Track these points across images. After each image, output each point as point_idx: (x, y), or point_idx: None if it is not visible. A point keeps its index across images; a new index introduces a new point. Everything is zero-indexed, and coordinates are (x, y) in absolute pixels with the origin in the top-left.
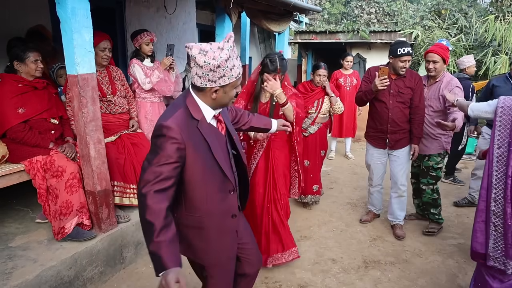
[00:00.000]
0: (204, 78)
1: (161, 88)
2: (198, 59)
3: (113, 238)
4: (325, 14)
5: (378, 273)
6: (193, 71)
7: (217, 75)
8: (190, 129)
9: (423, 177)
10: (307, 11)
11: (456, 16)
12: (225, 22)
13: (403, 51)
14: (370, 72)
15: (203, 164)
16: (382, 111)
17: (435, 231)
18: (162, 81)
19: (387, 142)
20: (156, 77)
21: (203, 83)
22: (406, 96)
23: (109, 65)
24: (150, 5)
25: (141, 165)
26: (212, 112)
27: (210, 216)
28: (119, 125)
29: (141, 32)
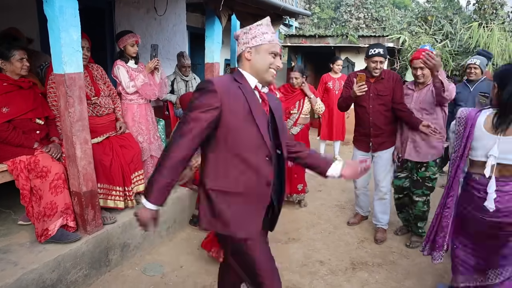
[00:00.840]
0: (241, 44)
1: (145, 92)
2: (239, 33)
3: (99, 240)
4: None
5: (366, 275)
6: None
7: (250, 36)
8: (232, 89)
9: (418, 188)
10: (296, 15)
11: (442, 23)
12: (215, 25)
13: (373, 51)
14: (350, 78)
15: (241, 121)
16: (363, 116)
17: (417, 245)
18: (147, 85)
19: (371, 146)
20: (141, 81)
21: (240, 49)
22: (386, 97)
23: (88, 64)
24: (140, 6)
25: (129, 167)
26: (255, 81)
27: (245, 179)
28: (106, 127)
29: (126, 34)
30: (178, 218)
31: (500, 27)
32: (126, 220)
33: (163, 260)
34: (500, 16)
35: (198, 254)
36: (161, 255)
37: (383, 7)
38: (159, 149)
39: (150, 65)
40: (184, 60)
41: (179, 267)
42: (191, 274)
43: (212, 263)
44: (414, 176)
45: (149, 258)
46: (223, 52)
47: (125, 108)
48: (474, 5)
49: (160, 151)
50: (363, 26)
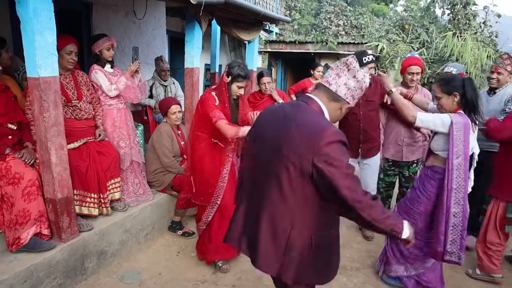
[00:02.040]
0: (351, 92)
1: (128, 95)
2: (359, 74)
3: (74, 248)
4: (295, 25)
5: (344, 279)
6: (343, 80)
7: (356, 95)
8: None
9: (409, 183)
10: (276, 21)
11: (419, 31)
12: (195, 30)
13: (368, 59)
14: None
15: None
16: (354, 122)
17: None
18: (130, 87)
19: (360, 151)
20: (123, 84)
21: (346, 95)
22: (374, 103)
23: (74, 70)
24: (119, 9)
25: (105, 174)
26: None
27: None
28: (84, 131)
29: (101, 37)
30: (157, 224)
31: (473, 37)
32: (104, 227)
33: (141, 267)
34: (473, 27)
35: (177, 261)
36: (139, 262)
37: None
38: (139, 154)
39: (132, 68)
40: (163, 64)
41: (157, 274)
42: (170, 281)
43: (191, 270)
44: (406, 172)
45: (127, 266)
46: (203, 57)
47: (104, 114)
48: (449, 15)
49: (141, 156)
50: (342, 33)
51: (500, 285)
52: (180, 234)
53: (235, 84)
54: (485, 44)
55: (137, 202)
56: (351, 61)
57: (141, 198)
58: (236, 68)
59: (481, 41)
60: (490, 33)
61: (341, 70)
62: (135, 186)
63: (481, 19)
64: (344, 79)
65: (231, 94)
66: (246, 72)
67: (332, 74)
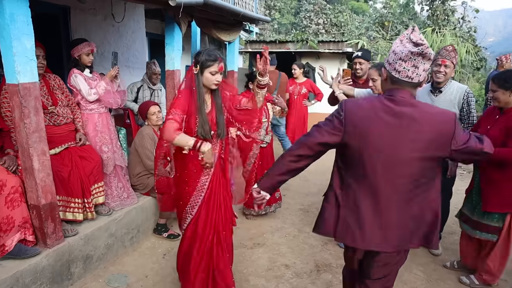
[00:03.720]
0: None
1: (108, 100)
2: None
3: (60, 254)
4: (275, 24)
5: (330, 276)
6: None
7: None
8: None
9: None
10: (256, 21)
11: (398, 28)
12: (175, 32)
13: (355, 55)
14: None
15: None
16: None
17: None
18: (109, 92)
19: None
20: (103, 89)
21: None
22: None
23: (45, 74)
24: (97, 12)
25: (89, 179)
26: None
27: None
28: (64, 137)
29: (81, 42)
30: (142, 227)
31: (452, 33)
32: (89, 231)
33: (128, 271)
34: (452, 22)
35: (164, 263)
36: (125, 266)
37: (342, 12)
38: (122, 158)
39: (112, 73)
40: (155, 68)
41: (144, 276)
42: (157, 284)
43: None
44: None
45: (113, 269)
46: (185, 58)
47: (85, 119)
48: (428, 11)
49: (123, 160)
50: (322, 31)
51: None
52: (166, 237)
53: (207, 72)
54: (464, 39)
55: (121, 206)
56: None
57: (126, 202)
58: (202, 54)
59: (460, 36)
60: (469, 28)
61: (416, 61)
62: (119, 190)
63: (460, 15)
64: (422, 67)
65: (207, 86)
66: (215, 53)
67: (409, 68)
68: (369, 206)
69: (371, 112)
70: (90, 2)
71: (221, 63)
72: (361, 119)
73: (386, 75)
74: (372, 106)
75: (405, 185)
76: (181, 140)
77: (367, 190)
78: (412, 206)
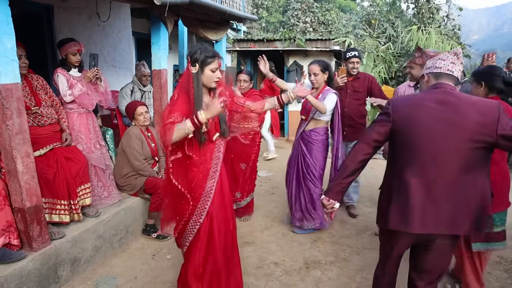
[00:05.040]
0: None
1: (83, 101)
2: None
3: (46, 257)
4: (263, 23)
5: (319, 273)
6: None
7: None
8: None
9: None
10: (243, 20)
11: (385, 26)
12: (161, 31)
13: (350, 54)
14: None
15: None
16: (341, 108)
17: None
18: (85, 94)
19: (345, 134)
20: (78, 90)
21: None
22: (361, 94)
23: (28, 74)
24: (82, 12)
25: (75, 180)
26: None
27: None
28: (49, 138)
29: (68, 42)
30: (131, 228)
31: (437, 30)
32: (76, 234)
33: (117, 272)
34: (437, 20)
35: (153, 264)
36: (114, 267)
37: (329, 11)
38: (102, 159)
39: (88, 75)
40: (144, 69)
41: (133, 278)
42: (146, 284)
43: (167, 272)
44: None
45: (102, 271)
46: (172, 58)
47: None
48: (413, 9)
49: (103, 160)
50: (310, 29)
51: None
52: (155, 237)
53: (207, 69)
54: (448, 37)
55: (101, 205)
56: (460, 51)
57: (106, 201)
58: (199, 52)
59: (444, 34)
60: (453, 26)
61: (453, 59)
62: (99, 189)
63: (444, 13)
64: (459, 67)
65: (207, 85)
66: (212, 50)
67: (448, 64)
68: (421, 193)
69: (417, 102)
70: (74, 1)
71: (219, 58)
72: (407, 108)
73: (428, 77)
74: (419, 97)
75: (454, 171)
76: (179, 132)
77: (418, 177)
78: (463, 192)
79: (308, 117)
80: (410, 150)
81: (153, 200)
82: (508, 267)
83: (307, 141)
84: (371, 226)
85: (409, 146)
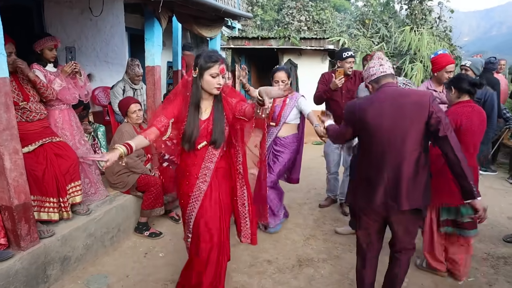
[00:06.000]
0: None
1: (65, 97)
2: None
3: (35, 256)
4: (258, 21)
5: (312, 271)
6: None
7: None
8: None
9: None
10: (238, 17)
11: (379, 26)
12: (155, 27)
13: (347, 54)
14: (325, 76)
15: None
16: (337, 109)
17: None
18: (65, 89)
19: None
20: (58, 85)
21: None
22: (354, 92)
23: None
24: (74, 6)
25: (65, 178)
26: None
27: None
28: (38, 133)
29: (44, 37)
30: (123, 226)
31: (429, 32)
32: (66, 232)
33: (108, 271)
34: (429, 21)
35: (145, 262)
36: (105, 266)
37: (324, 10)
38: (88, 154)
39: (66, 69)
40: (138, 70)
41: (125, 276)
42: (138, 283)
43: (159, 270)
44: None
45: (93, 270)
46: (165, 54)
47: None
48: (407, 10)
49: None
50: (304, 28)
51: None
52: (147, 235)
53: (207, 74)
54: (440, 38)
55: (88, 201)
56: (379, 54)
57: (93, 198)
58: (201, 56)
59: (436, 35)
60: (445, 27)
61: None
62: (86, 185)
63: (436, 14)
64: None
65: (208, 91)
66: (215, 54)
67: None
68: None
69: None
70: None
71: (222, 64)
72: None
73: (372, 85)
74: (371, 98)
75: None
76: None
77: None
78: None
79: (279, 122)
80: (372, 142)
81: (145, 198)
82: (495, 263)
83: (281, 145)
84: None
85: (371, 139)
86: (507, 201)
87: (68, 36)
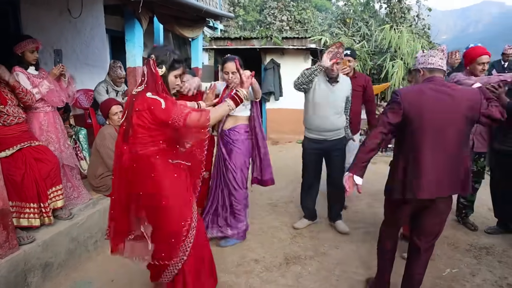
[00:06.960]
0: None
1: (52, 99)
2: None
3: (14, 263)
4: (240, 21)
5: (299, 268)
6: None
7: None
8: None
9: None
10: (220, 18)
11: (359, 25)
12: (135, 28)
13: (347, 53)
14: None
15: None
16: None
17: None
18: (53, 91)
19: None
20: (46, 88)
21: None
22: (358, 93)
23: None
24: (51, 7)
25: (45, 182)
26: None
27: None
28: (16, 138)
29: (25, 39)
30: None
31: (408, 30)
32: (47, 237)
33: (92, 277)
34: (408, 20)
35: (131, 266)
36: (89, 271)
37: (305, 9)
38: (71, 158)
39: (54, 71)
40: (120, 72)
41: (109, 281)
42: (123, 287)
43: (145, 274)
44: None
45: (76, 276)
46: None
47: (30, 117)
48: (386, 9)
49: (73, 160)
50: (286, 28)
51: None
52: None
53: (172, 75)
54: (419, 36)
55: (71, 206)
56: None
57: (76, 201)
58: (169, 54)
59: (415, 33)
60: (423, 25)
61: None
62: (69, 190)
63: (415, 13)
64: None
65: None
66: (179, 54)
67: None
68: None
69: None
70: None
71: (185, 66)
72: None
73: (423, 71)
74: (419, 87)
75: (452, 145)
76: (217, 114)
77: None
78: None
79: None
80: (418, 131)
81: None
82: (477, 253)
83: (226, 141)
84: (347, 220)
85: (418, 129)
86: (488, 192)
87: (47, 38)
